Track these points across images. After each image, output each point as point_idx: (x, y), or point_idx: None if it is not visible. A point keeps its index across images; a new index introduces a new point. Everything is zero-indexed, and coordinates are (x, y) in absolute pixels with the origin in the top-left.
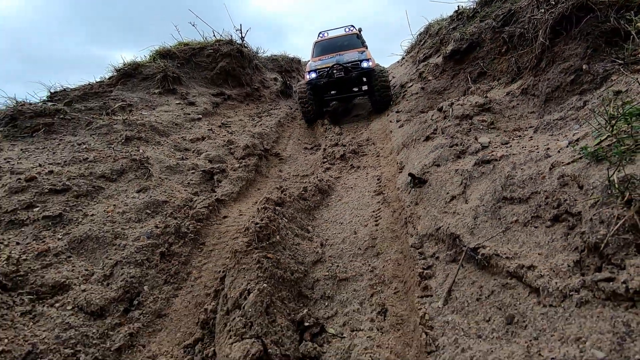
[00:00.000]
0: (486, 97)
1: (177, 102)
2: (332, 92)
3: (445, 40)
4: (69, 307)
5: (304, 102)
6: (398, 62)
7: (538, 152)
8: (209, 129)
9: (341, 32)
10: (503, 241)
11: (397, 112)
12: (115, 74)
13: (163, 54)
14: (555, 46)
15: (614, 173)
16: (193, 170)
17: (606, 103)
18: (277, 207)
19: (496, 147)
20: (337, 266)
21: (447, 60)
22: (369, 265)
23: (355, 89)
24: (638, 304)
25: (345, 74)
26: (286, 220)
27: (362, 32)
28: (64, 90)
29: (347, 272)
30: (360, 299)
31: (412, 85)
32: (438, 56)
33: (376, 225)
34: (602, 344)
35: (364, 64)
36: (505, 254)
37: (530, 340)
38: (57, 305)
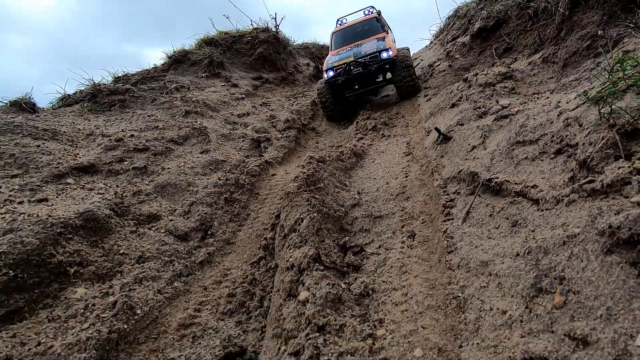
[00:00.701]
0: (509, 67)
1: (222, 84)
2: (355, 86)
3: (472, 19)
4: (162, 230)
5: (325, 101)
6: (426, 46)
7: (550, 105)
8: (252, 107)
9: (360, 16)
10: (514, 173)
11: (425, 88)
12: (167, 60)
13: (207, 42)
14: (574, 15)
15: (603, 106)
16: (243, 139)
17: (612, 59)
18: (319, 163)
19: (514, 107)
20: (373, 207)
21: (474, 38)
22: (400, 206)
23: (380, 78)
24: (610, 194)
25: (364, 69)
26: (327, 174)
27: (382, 15)
28: (125, 75)
29: (381, 212)
30: (392, 229)
31: (439, 64)
32: (465, 35)
33: (406, 177)
34: (580, 223)
35: (384, 54)
36: (514, 180)
37: (528, 233)
38: (153, 228)
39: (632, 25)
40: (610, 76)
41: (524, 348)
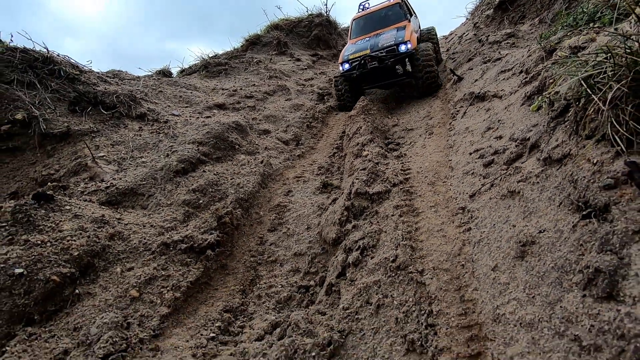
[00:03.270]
0: (515, 28)
1: (288, 59)
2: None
3: None
4: (273, 138)
5: (340, 94)
6: (462, 23)
7: (525, 49)
8: (313, 74)
9: (384, 1)
10: (495, 87)
11: (453, 53)
12: (244, 43)
13: (273, 27)
14: None
15: (544, 40)
16: (311, 93)
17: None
18: (369, 102)
19: (507, 53)
20: (406, 125)
21: (496, 10)
22: (425, 122)
23: (399, 69)
24: (534, 82)
25: (380, 63)
26: (376, 108)
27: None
28: (216, 55)
29: (412, 127)
30: (419, 134)
31: (467, 34)
32: (490, 9)
33: (430, 107)
34: (518, 98)
35: (402, 47)
36: (493, 90)
37: (492, 113)
38: (268, 136)
39: None
40: (551, 25)
41: (476, 146)
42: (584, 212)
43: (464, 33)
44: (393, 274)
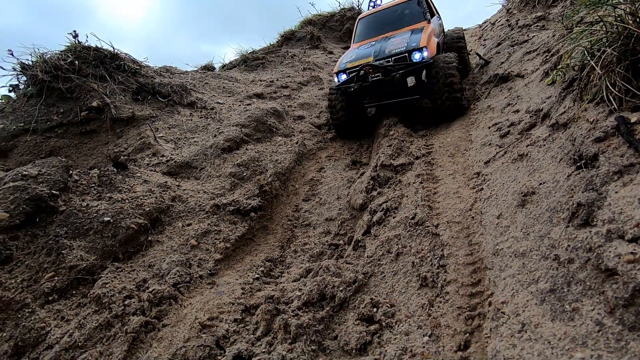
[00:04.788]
0: (546, 11)
1: (321, 52)
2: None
3: None
4: (307, 123)
5: (335, 114)
6: (498, 10)
7: (550, 32)
8: None
9: None
10: (519, 67)
11: (485, 40)
12: (280, 38)
13: (307, 22)
14: None
15: (568, 21)
16: None
17: None
18: None
19: (535, 36)
20: None
21: None
22: None
23: (411, 82)
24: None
25: (385, 76)
26: None
27: None
28: (253, 51)
29: None
30: None
31: (500, 21)
32: None
33: None
34: (537, 74)
35: (416, 56)
36: (517, 70)
37: (513, 92)
38: (302, 121)
39: None
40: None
41: (495, 121)
42: (578, 164)
43: (497, 20)
44: (412, 229)
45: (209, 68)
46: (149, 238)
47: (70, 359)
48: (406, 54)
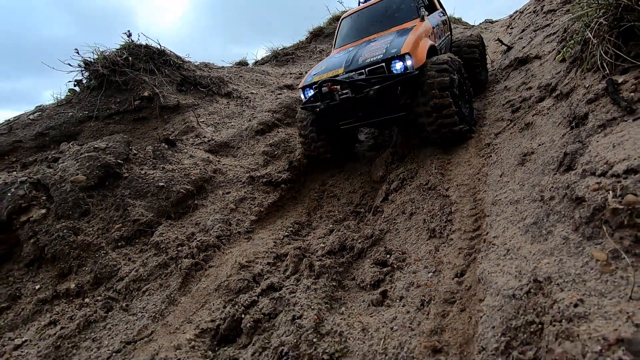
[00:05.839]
0: None
1: None
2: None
3: None
4: None
5: (306, 138)
6: (528, 2)
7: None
8: None
9: None
10: (536, 50)
11: (512, 27)
12: (308, 35)
13: (335, 19)
14: None
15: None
16: None
17: None
18: None
19: (557, 20)
20: None
21: None
22: None
23: (398, 100)
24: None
25: (356, 93)
26: None
27: None
28: (284, 47)
29: None
30: None
31: (529, 9)
32: None
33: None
34: (551, 54)
35: (397, 65)
36: (535, 52)
37: (529, 74)
38: None
39: None
40: None
41: (509, 99)
42: (572, 124)
43: (526, 8)
44: (425, 193)
45: (242, 64)
46: (195, 202)
47: (137, 288)
48: (382, 63)
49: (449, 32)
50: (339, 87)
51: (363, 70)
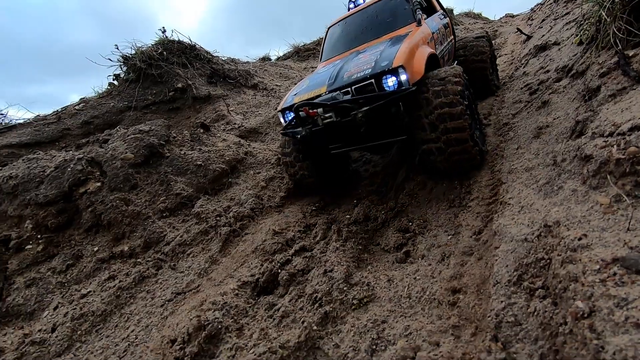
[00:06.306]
0: None
1: None
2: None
3: None
4: None
5: (289, 167)
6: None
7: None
8: None
9: None
10: (555, 37)
11: (532, 19)
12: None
13: None
14: None
15: None
16: None
17: None
18: None
19: (575, 10)
20: None
21: None
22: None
23: (394, 122)
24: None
25: (341, 117)
26: None
27: None
28: (305, 44)
29: None
30: None
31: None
32: None
33: (503, 62)
34: (565, 36)
35: (389, 82)
36: (554, 40)
37: (547, 59)
38: None
39: None
40: None
41: (527, 82)
42: (586, 98)
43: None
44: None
45: (266, 59)
46: (229, 180)
47: (182, 251)
48: (371, 79)
49: (452, 37)
50: (319, 110)
51: (349, 89)
